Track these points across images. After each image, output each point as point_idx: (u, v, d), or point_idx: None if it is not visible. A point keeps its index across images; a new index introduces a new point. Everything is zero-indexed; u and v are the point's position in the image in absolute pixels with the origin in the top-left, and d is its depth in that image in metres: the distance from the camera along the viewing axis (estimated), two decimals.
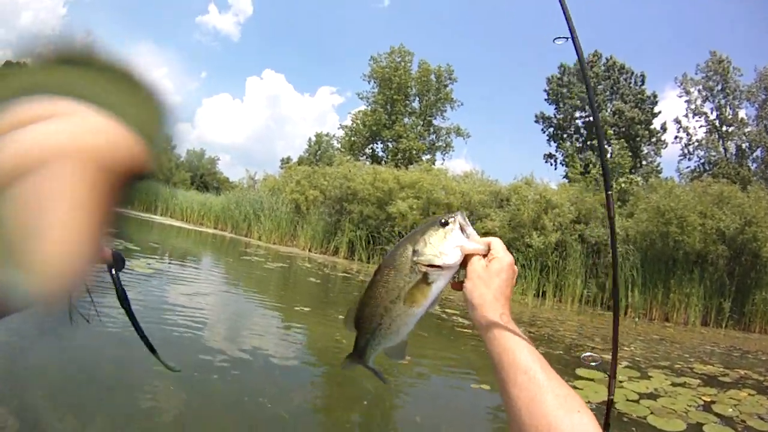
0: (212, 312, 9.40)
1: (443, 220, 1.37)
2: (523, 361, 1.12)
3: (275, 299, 12.52)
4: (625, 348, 11.24)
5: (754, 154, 35.52)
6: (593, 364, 2.18)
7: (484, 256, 1.37)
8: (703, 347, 13.18)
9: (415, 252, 1.33)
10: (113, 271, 1.02)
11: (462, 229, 1.37)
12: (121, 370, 5.26)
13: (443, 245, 1.34)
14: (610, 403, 2.09)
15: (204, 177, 55.08)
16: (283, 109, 73.89)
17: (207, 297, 10.83)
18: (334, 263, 22.26)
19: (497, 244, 1.38)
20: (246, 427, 4.86)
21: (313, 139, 51.14)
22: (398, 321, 1.34)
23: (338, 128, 46.78)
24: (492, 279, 1.30)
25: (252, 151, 72.49)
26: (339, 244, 25.02)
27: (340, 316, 10.21)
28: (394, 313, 1.33)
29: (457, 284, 1.38)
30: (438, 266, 1.32)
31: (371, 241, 23.86)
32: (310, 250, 25.87)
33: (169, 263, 14.76)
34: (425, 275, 1.32)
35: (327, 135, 50.55)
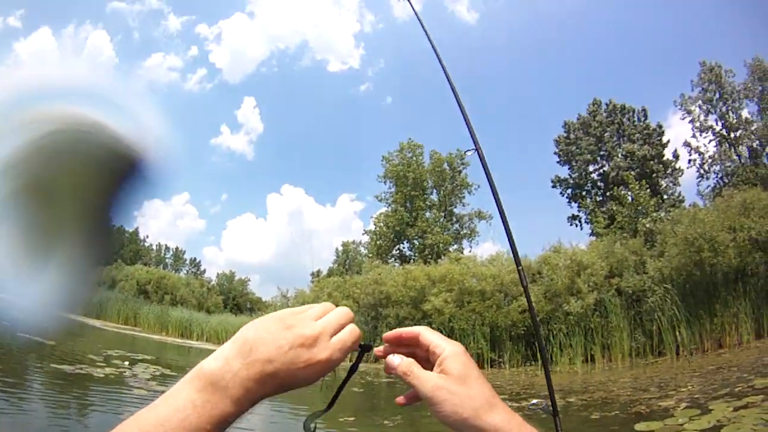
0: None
1: None
2: None
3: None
4: (682, 389, 10.76)
5: (767, 149, 34.45)
6: (541, 408, 2.08)
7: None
8: (761, 360, 12.57)
9: None
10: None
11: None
12: None
13: None
14: None
15: (236, 299, 54.75)
16: (307, 223, 73.84)
17: (250, 416, 10.49)
18: (377, 370, 20.76)
19: (429, 333, 1.19)
20: None
21: (340, 248, 51.21)
22: None
23: (363, 234, 46.87)
24: (464, 386, 1.09)
25: (281, 268, 71.97)
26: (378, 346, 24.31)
27: (386, 422, 10.41)
28: None
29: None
30: None
31: None
32: (350, 360, 25.03)
33: None
34: None
35: (353, 243, 50.56)
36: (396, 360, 1.13)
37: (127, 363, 14.68)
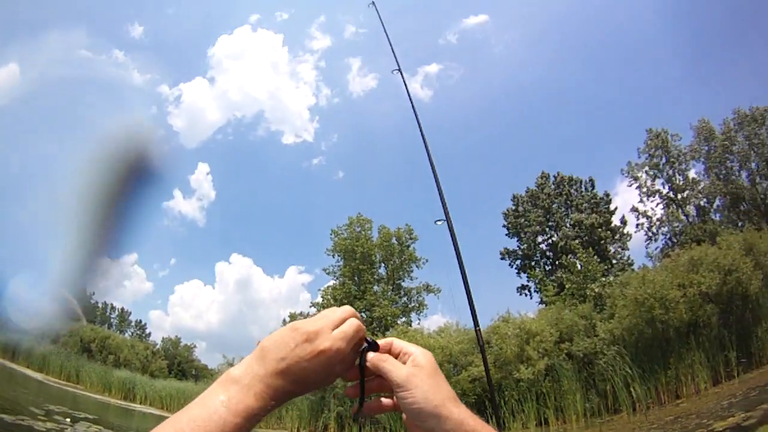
0: None
1: None
2: None
3: None
4: None
5: (714, 205, 35.82)
6: None
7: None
8: (719, 405, 12.47)
9: None
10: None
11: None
12: None
13: None
14: None
15: (182, 365, 53.46)
16: (255, 293, 72.47)
17: None
18: None
19: (400, 341, 1.28)
20: None
21: (288, 320, 50.21)
22: None
23: (310, 306, 46.34)
24: (434, 378, 1.17)
25: (227, 336, 69.92)
26: (327, 420, 24.23)
27: None
28: None
29: (382, 404, 1.29)
30: None
31: None
32: (298, 431, 25.36)
33: None
34: None
35: (301, 314, 49.71)
36: (370, 354, 1.21)
37: (68, 420, 14.11)
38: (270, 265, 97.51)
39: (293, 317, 49.89)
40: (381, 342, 1.23)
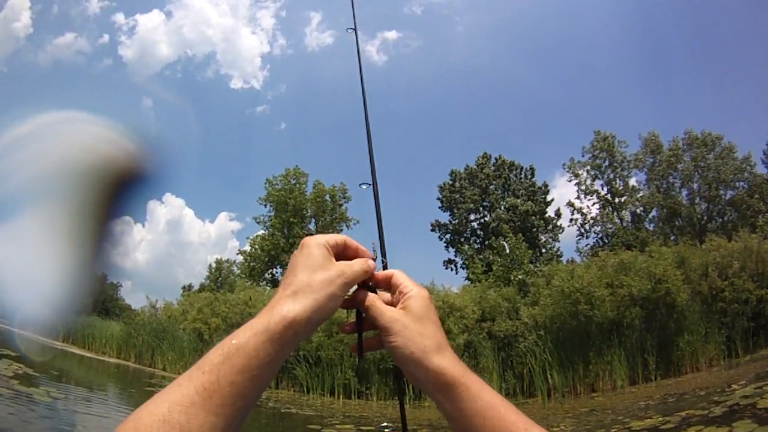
0: None
1: None
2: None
3: None
4: (554, 428, 10.91)
5: (650, 215, 37.42)
6: (392, 429, 1.83)
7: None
8: (636, 405, 12.89)
9: None
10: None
11: None
12: None
13: None
14: None
15: (106, 303, 52.10)
16: (184, 235, 70.51)
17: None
18: None
19: (401, 275, 1.25)
20: None
21: (214, 265, 50.04)
22: None
23: (237, 254, 45.77)
24: (419, 324, 1.14)
25: (153, 277, 67.99)
26: None
27: None
28: None
29: (372, 341, 1.23)
30: None
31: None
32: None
33: (71, 396, 13.40)
34: None
35: (227, 261, 49.67)
36: (360, 294, 1.17)
37: None
38: (202, 209, 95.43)
39: (219, 263, 49.77)
40: (381, 273, 1.23)
